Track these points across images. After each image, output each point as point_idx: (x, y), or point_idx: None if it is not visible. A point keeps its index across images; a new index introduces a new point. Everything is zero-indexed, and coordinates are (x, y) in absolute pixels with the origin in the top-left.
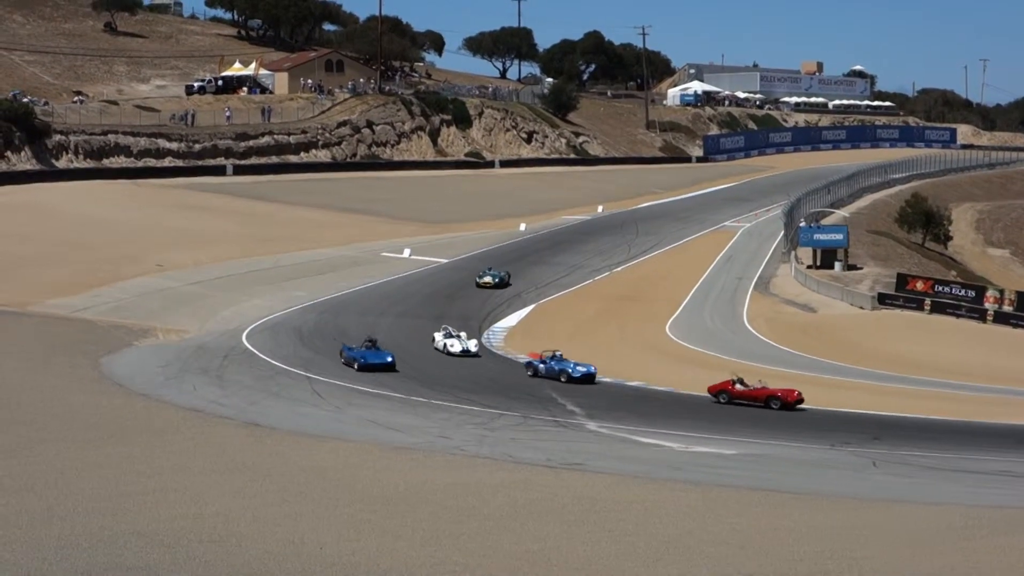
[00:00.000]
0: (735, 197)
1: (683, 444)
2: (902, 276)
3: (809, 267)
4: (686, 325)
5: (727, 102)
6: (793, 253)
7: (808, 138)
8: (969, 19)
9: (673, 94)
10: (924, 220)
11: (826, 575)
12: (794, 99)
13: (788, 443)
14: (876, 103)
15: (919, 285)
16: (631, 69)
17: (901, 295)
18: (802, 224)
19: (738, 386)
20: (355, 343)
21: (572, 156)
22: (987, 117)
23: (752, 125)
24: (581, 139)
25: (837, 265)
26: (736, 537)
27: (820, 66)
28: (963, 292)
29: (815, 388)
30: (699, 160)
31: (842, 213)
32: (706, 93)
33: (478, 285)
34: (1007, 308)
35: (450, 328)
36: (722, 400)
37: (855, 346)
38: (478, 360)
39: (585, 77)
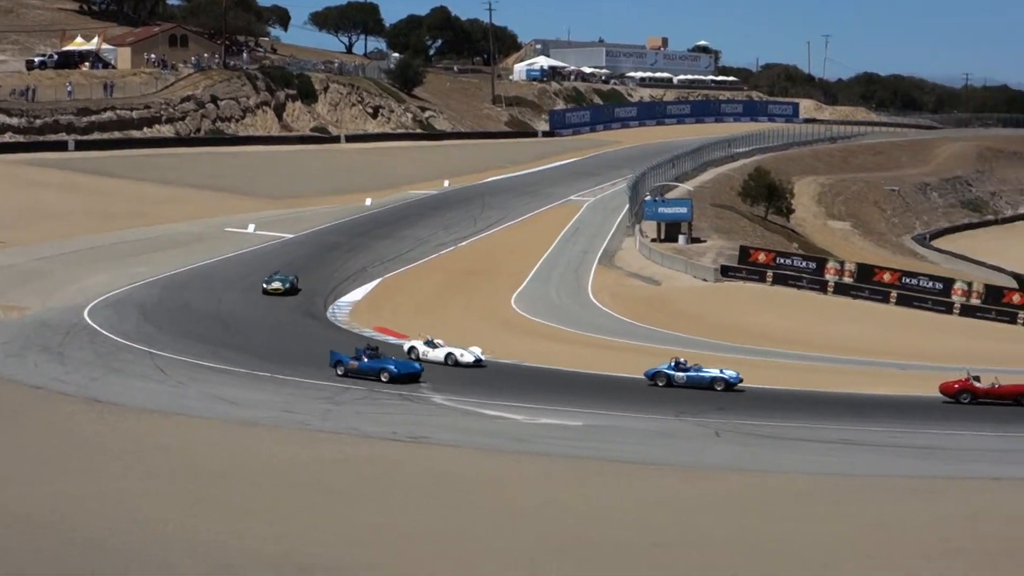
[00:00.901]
0: (581, 171)
1: (529, 416)
2: (745, 249)
3: (653, 240)
4: (531, 298)
5: (573, 77)
6: (638, 227)
7: (653, 113)
8: None
9: (519, 69)
10: (767, 193)
11: (671, 544)
12: (639, 74)
13: (633, 414)
14: (720, 78)
15: (761, 257)
16: (478, 44)
17: (744, 267)
18: (647, 198)
19: (977, 383)
20: (341, 348)
21: (418, 131)
22: (829, 92)
23: (598, 100)
24: (427, 114)
25: (681, 238)
26: (582, 507)
27: (665, 41)
28: (805, 264)
29: (658, 360)
30: (545, 135)
31: (686, 187)
32: (552, 68)
33: (266, 292)
34: (847, 280)
35: (431, 337)
36: (964, 400)
37: (698, 318)
38: (324, 335)
39: (432, 52)
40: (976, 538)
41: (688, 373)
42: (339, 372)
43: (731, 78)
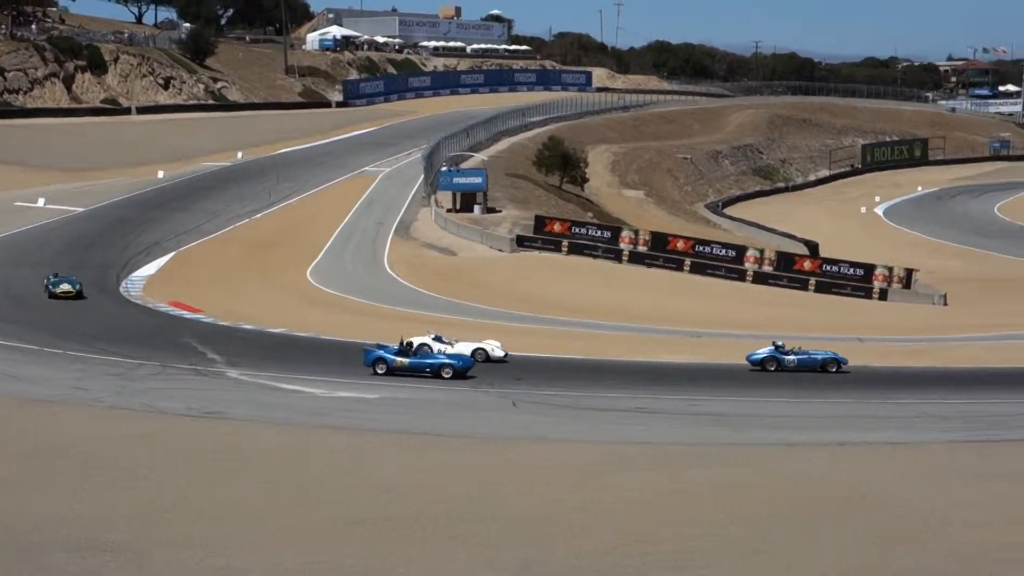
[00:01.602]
0: (375, 142)
1: (326, 390)
2: (540, 218)
3: (449, 211)
4: (327, 270)
5: (366, 47)
6: (433, 197)
7: (447, 82)
8: None
9: (312, 39)
10: (561, 163)
11: (471, 516)
12: (433, 43)
13: (431, 385)
14: (514, 47)
15: (557, 227)
16: (270, 14)
17: (539, 237)
18: (442, 168)
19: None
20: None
21: (211, 102)
22: (621, 60)
23: (392, 70)
24: (219, 85)
25: (476, 208)
26: (381, 480)
27: (458, 11)
28: (599, 233)
29: (457, 330)
30: (339, 105)
31: (481, 157)
32: (345, 38)
33: (53, 295)
34: (642, 248)
35: (436, 334)
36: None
37: (495, 288)
38: (117, 310)
39: (223, 22)
40: (774, 502)
41: (799, 356)
42: (378, 371)
43: (524, 47)
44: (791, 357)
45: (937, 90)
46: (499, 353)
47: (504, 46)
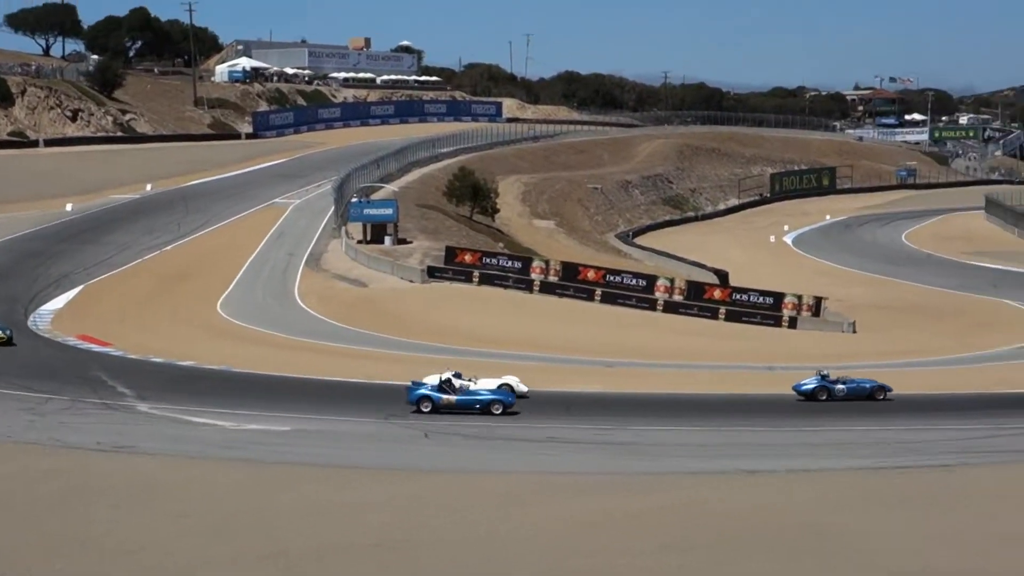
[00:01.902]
0: (286, 173)
1: (236, 422)
2: (451, 249)
3: (360, 242)
4: (238, 303)
5: (276, 78)
6: (344, 228)
7: (357, 113)
8: None
9: (221, 71)
10: (472, 193)
11: (393, 544)
12: (343, 75)
13: (342, 417)
14: (424, 78)
15: (467, 258)
16: (179, 45)
17: (450, 268)
18: (352, 199)
19: None
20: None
21: (119, 134)
22: (531, 91)
23: (301, 101)
24: (128, 117)
25: (387, 239)
26: (292, 513)
27: (368, 42)
28: (510, 263)
29: (368, 362)
30: (249, 137)
31: (391, 188)
32: (254, 69)
33: None
34: (553, 278)
35: (455, 372)
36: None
37: (406, 319)
38: (26, 344)
39: (132, 54)
40: (687, 531)
41: (848, 385)
42: (423, 408)
43: (434, 78)
44: (840, 386)
45: (844, 119)
46: (523, 388)
47: (414, 77)
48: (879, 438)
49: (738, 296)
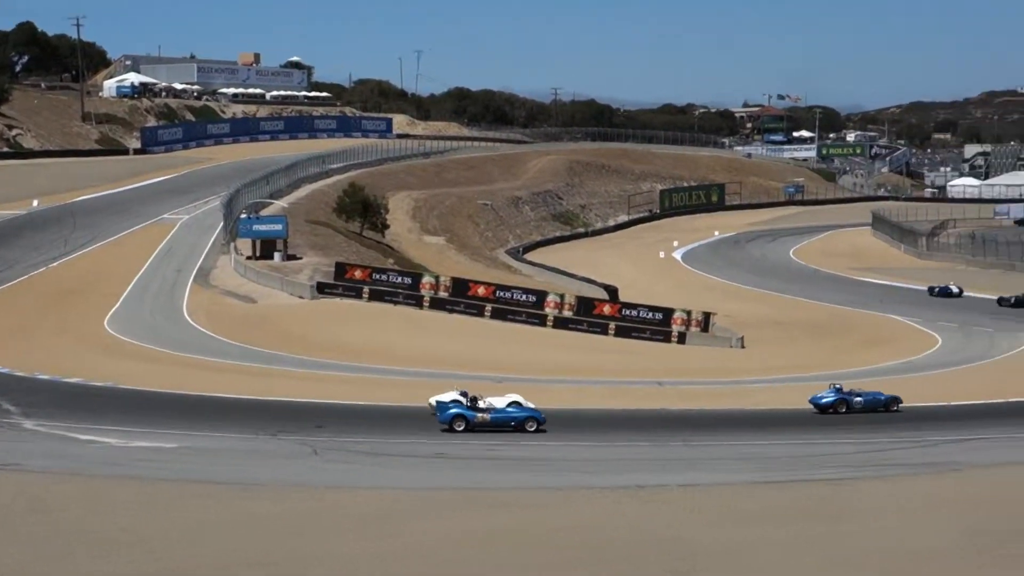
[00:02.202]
0: (174, 189)
1: (122, 439)
2: (341, 265)
3: (249, 258)
4: (125, 319)
5: (164, 93)
6: (233, 244)
7: (247, 129)
8: (404, 11)
9: (109, 86)
10: (362, 209)
11: (274, 563)
12: (232, 90)
13: (230, 434)
14: (314, 94)
15: (358, 274)
16: (66, 60)
17: (340, 284)
18: (241, 215)
19: None
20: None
21: (5, 149)
22: (422, 107)
23: (190, 116)
24: (14, 132)
25: (277, 255)
26: (181, 531)
27: (257, 57)
28: (400, 279)
29: (256, 379)
30: (137, 152)
31: (281, 203)
32: (143, 84)
33: None
34: (443, 294)
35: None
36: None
37: (296, 335)
38: None
39: (18, 69)
40: (576, 546)
41: (864, 397)
42: (457, 428)
43: (324, 94)
44: (859, 399)
45: (733, 136)
46: (530, 405)
47: (304, 93)
48: (768, 453)
49: (628, 312)
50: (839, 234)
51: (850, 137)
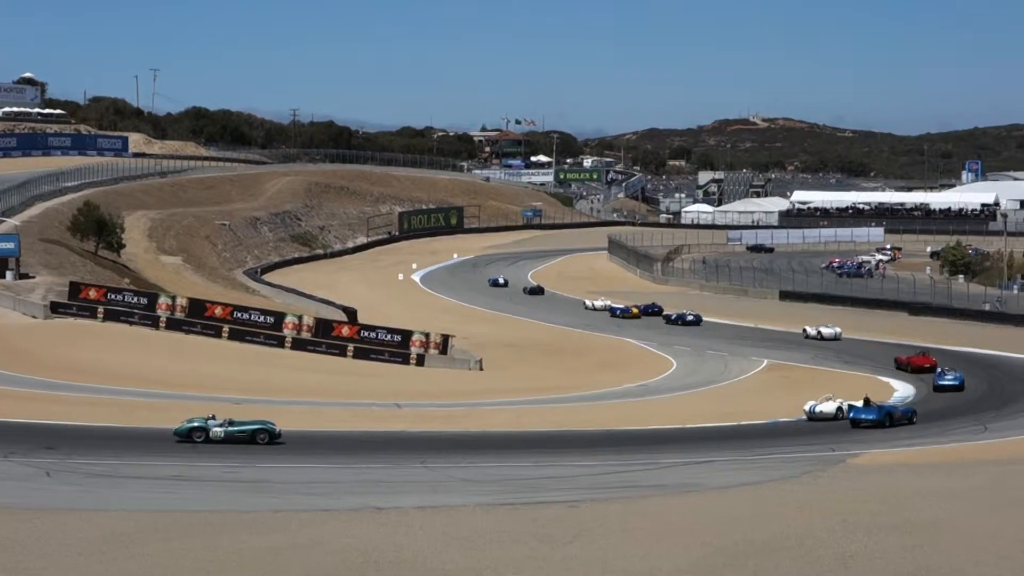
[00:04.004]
0: None
1: None
2: (75, 284)
3: None
4: None
5: None
6: None
7: None
8: (141, 29)
9: None
10: (97, 228)
11: None
12: None
13: None
14: (48, 111)
15: (92, 293)
16: None
17: (75, 303)
18: None
19: None
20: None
21: None
22: (159, 126)
23: None
24: None
25: (8, 274)
26: None
27: None
28: (136, 299)
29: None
30: None
31: (13, 222)
32: None
33: None
34: (179, 314)
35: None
36: None
37: (28, 355)
38: None
39: None
40: (313, 568)
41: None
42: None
43: (58, 111)
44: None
45: (472, 160)
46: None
47: (38, 109)
48: (506, 475)
49: (366, 333)
50: (576, 258)
51: (587, 163)
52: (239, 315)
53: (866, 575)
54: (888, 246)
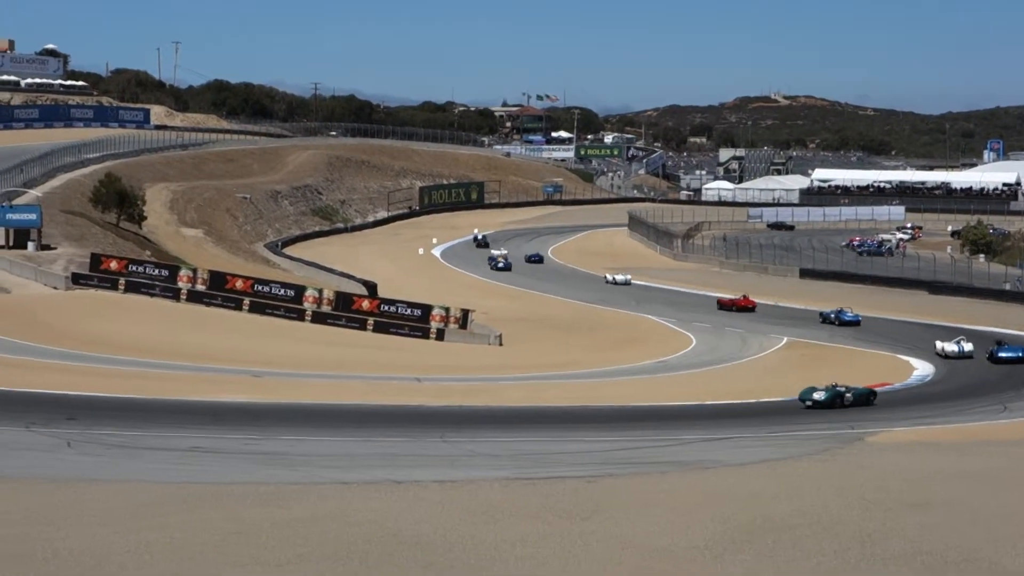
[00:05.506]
0: None
1: None
2: (96, 256)
3: (1, 247)
4: None
5: None
6: None
7: (0, 116)
8: (162, 1)
9: None
10: (118, 200)
11: (22, 555)
12: None
13: None
14: (70, 83)
15: (114, 265)
16: None
17: (96, 275)
18: None
19: None
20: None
21: None
22: (180, 98)
23: None
24: None
25: (31, 245)
26: None
27: (12, 44)
28: (157, 272)
29: (7, 370)
30: None
31: (35, 193)
32: None
33: None
34: (200, 287)
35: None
36: None
37: (49, 326)
38: None
39: None
40: (332, 541)
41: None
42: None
43: (81, 83)
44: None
45: (492, 135)
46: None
47: (60, 81)
48: (524, 450)
49: (386, 308)
50: (596, 234)
51: (608, 139)
52: (260, 288)
53: (884, 552)
54: (909, 225)
